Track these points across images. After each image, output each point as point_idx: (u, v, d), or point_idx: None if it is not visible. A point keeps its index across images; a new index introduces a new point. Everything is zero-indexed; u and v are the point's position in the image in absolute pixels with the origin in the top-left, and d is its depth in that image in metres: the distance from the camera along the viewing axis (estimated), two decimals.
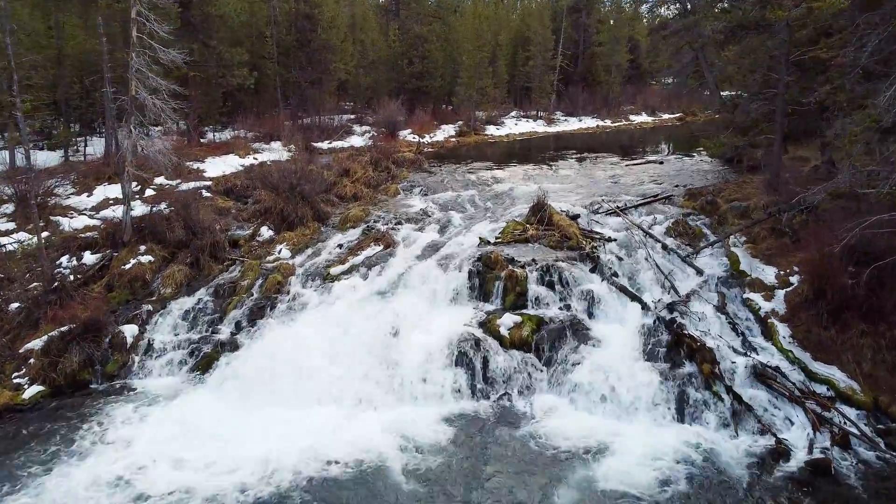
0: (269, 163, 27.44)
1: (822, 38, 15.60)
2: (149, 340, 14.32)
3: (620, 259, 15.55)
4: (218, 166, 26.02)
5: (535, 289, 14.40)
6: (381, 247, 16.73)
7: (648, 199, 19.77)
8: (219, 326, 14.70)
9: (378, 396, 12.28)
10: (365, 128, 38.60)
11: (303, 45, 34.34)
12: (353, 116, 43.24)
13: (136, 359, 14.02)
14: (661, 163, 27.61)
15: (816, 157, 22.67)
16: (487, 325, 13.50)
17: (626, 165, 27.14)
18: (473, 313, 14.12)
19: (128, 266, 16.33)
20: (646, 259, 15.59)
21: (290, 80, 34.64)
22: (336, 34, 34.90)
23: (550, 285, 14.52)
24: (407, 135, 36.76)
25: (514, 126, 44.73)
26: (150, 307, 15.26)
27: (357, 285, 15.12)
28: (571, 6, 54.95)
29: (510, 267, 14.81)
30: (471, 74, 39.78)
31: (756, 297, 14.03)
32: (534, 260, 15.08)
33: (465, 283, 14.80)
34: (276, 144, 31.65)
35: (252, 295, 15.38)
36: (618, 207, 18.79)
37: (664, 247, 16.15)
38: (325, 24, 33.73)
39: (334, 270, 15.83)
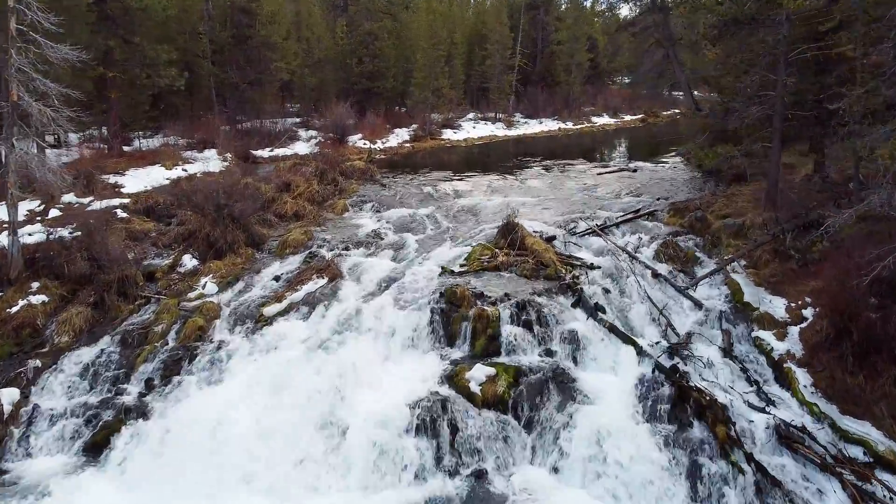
0: (199, 175, 24.80)
1: (827, 34, 13.97)
2: (34, 407, 11.66)
3: (607, 291, 13.57)
4: (140, 180, 23.19)
5: (509, 330, 12.29)
6: (326, 279, 14.38)
7: (630, 216, 17.92)
8: (125, 385, 12.11)
9: (320, 480, 9.96)
10: (311, 133, 36.03)
11: (240, 41, 31.64)
12: (298, 120, 40.63)
13: (17, 433, 11.35)
14: (635, 171, 25.95)
15: (804, 164, 21.34)
16: (454, 380, 11.32)
17: (598, 174, 25.37)
18: (437, 363, 11.94)
19: (14, 309, 13.60)
20: (637, 290, 13.65)
21: (226, 81, 31.87)
22: (277, 30, 32.31)
23: (527, 325, 12.44)
24: (357, 140, 34.36)
25: (473, 129, 42.74)
26: (38, 362, 12.57)
27: (295, 330, 12.75)
28: (529, 3, 53.38)
29: (479, 304, 12.69)
30: (425, 74, 37.63)
31: (767, 336, 12.23)
32: (506, 294, 12.99)
33: (426, 324, 12.61)
34: (210, 153, 28.89)
35: (167, 344, 12.85)
36: (597, 226, 16.86)
37: (655, 274, 14.25)
38: (265, 20, 31.12)
39: (269, 310, 13.41)
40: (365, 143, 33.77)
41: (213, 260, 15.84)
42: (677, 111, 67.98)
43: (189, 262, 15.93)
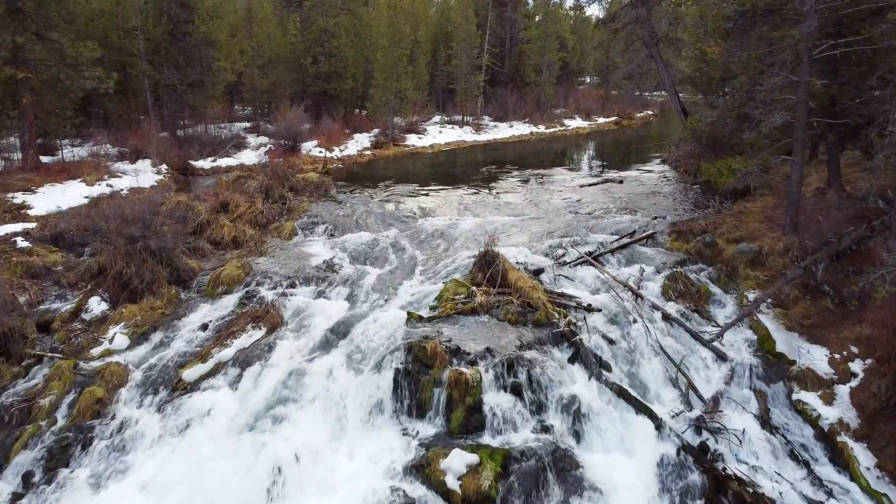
0: (126, 192, 21.98)
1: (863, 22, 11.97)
2: None
3: (612, 342, 11.29)
4: (53, 199, 20.30)
5: (494, 399, 9.94)
6: (264, 330, 11.84)
7: (625, 240, 15.72)
8: None
9: None
10: (262, 139, 33.30)
11: (177, 39, 28.79)
12: (248, 125, 37.83)
13: None
14: (621, 181, 23.90)
15: (805, 175, 19.60)
16: (426, 472, 8.91)
17: (581, 186, 23.24)
18: (403, 445, 9.52)
19: None
20: (646, 339, 11.42)
21: (163, 83, 28.95)
22: (220, 26, 29.55)
23: (516, 391, 10.10)
24: (312, 148, 31.72)
25: (439, 134, 40.42)
26: None
27: (221, 402, 10.19)
28: None
29: (455, 364, 10.31)
30: (386, 75, 35.17)
31: (810, 399, 10.10)
32: (488, 349, 10.63)
33: (389, 391, 10.17)
34: (143, 164, 26.02)
35: (56, 422, 10.18)
36: (589, 255, 14.61)
37: (665, 316, 12.04)
38: (205, 14, 28.31)
39: (190, 373, 10.83)
40: (321, 152, 31.14)
41: (126, 304, 13.13)
42: (651, 112, 67.05)
43: (97, 306, 13.21)
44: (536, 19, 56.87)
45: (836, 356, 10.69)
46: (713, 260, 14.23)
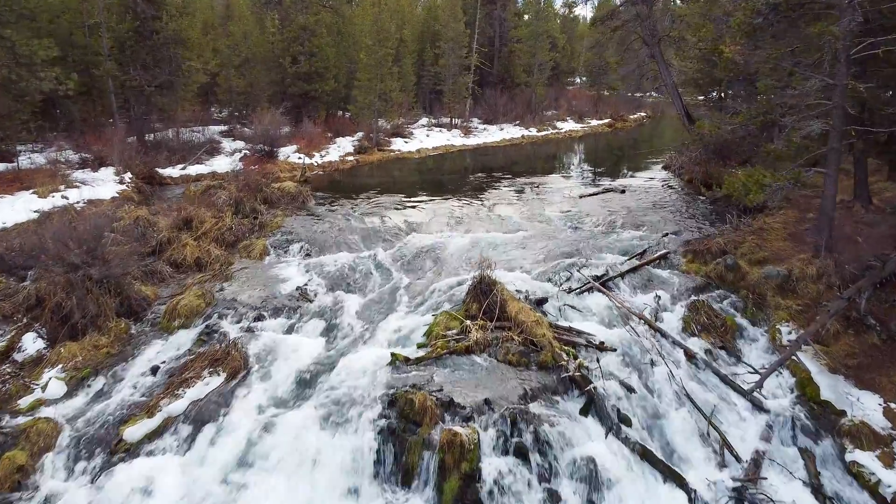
0: (83, 204, 20.28)
1: None
2: None
3: (630, 390, 9.80)
4: (1, 212, 18.57)
5: (494, 464, 8.43)
6: (223, 375, 10.25)
7: (636, 261, 14.29)
8: None
9: None
10: (238, 144, 31.63)
11: (144, 37, 27.04)
12: (224, 128, 36.13)
13: None
14: (623, 191, 22.48)
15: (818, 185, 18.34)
16: None
17: (581, 197, 21.79)
18: None
19: None
20: (670, 385, 9.95)
21: (129, 84, 27.20)
22: (190, 23, 27.84)
23: (521, 453, 8.59)
24: (291, 154, 30.08)
25: (426, 138, 38.87)
26: None
27: (166, 470, 8.59)
28: None
29: (448, 421, 8.80)
30: (370, 75, 33.59)
31: (867, 461, 8.67)
32: (487, 402, 9.13)
33: (370, 454, 8.63)
34: (106, 172, 24.29)
35: None
36: (597, 279, 13.16)
37: (689, 355, 10.59)
38: (174, 11, 26.61)
39: (132, 431, 9.22)
40: (300, 158, 29.50)
41: (66, 341, 11.50)
42: (644, 114, 65.90)
43: (32, 344, 11.56)
44: (526, 18, 55.52)
45: (893, 406, 9.28)
46: (736, 285, 12.81)
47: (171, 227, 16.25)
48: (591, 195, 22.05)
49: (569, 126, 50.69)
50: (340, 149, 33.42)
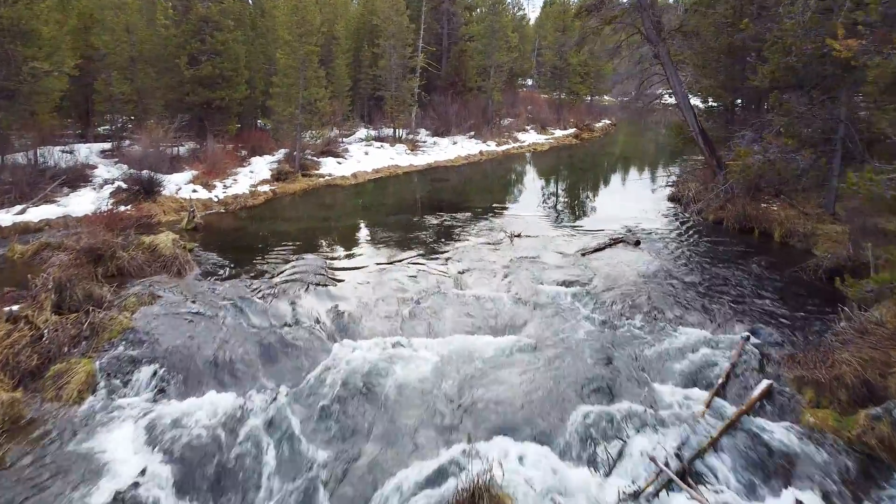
0: None
1: None
2: None
3: None
4: None
5: None
6: None
7: (730, 409, 8.70)
8: None
9: None
10: (121, 169, 24.87)
11: None
12: (108, 148, 29.41)
13: None
14: (638, 243, 17.04)
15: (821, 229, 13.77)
16: None
17: (584, 255, 16.19)
18: None
19: None
20: None
21: None
22: (36, 12, 21.17)
23: None
24: (184, 184, 23.63)
25: (364, 157, 32.81)
26: None
27: None
28: None
29: None
30: (291, 81, 27.38)
31: None
32: None
33: None
34: None
35: None
36: (670, 467, 7.51)
37: None
38: None
39: None
40: (194, 192, 23.09)
41: None
42: (608, 122, 61.42)
43: None
44: (479, 12, 50.23)
45: None
46: None
47: None
48: (595, 250, 16.49)
49: (531, 138, 45.48)
50: (254, 174, 27.07)
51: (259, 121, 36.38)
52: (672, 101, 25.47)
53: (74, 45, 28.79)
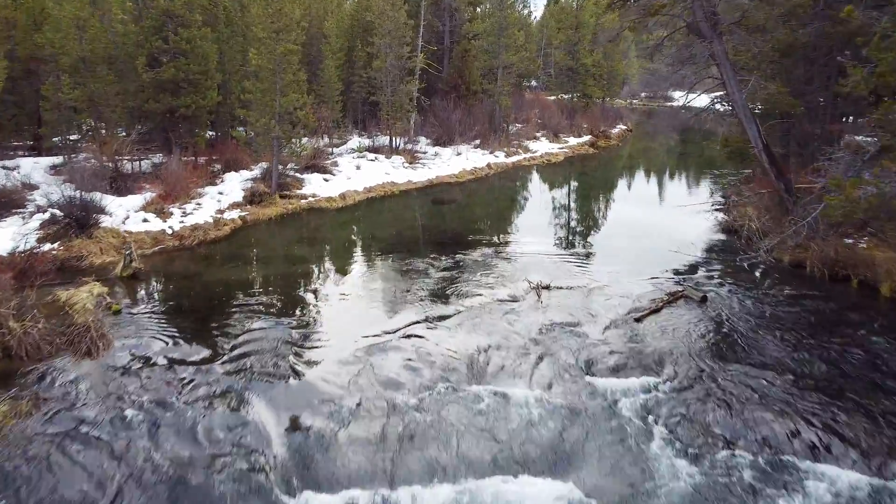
0: None
1: None
2: None
3: None
4: None
5: None
6: None
7: None
8: None
9: None
10: (67, 190, 21.10)
11: None
12: (60, 162, 25.84)
13: None
14: (704, 299, 13.32)
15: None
16: None
17: (637, 320, 12.44)
18: None
19: None
20: None
21: None
22: None
23: None
24: (134, 212, 19.89)
25: (355, 171, 29.05)
26: None
27: None
28: None
29: None
30: (265, 85, 23.64)
31: None
32: None
33: None
34: None
35: None
36: None
37: None
38: None
39: None
40: (145, 221, 19.35)
41: None
42: (625, 127, 57.72)
43: None
44: (484, 7, 46.61)
45: None
46: None
47: None
48: (650, 312, 12.74)
49: (543, 147, 41.73)
50: (224, 195, 23.33)
51: (232, 133, 32.55)
52: (719, 107, 21.87)
53: (23, 42, 25.37)
